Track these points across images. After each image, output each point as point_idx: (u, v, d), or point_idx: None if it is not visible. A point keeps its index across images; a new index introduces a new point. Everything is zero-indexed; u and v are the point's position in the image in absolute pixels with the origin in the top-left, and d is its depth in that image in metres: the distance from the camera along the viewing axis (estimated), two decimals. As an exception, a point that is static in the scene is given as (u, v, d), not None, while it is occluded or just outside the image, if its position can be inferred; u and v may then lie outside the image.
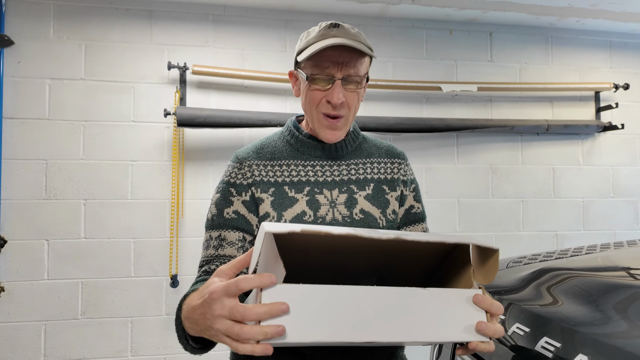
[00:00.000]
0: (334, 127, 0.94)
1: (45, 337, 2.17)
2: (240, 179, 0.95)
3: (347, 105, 0.93)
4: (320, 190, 0.96)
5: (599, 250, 1.45)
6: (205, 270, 0.91)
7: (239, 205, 0.94)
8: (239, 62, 2.42)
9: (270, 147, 1.00)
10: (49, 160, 2.22)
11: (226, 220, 0.94)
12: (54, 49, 2.25)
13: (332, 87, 0.90)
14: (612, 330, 0.84)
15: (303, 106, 0.97)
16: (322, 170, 0.98)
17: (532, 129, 2.66)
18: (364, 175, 1.01)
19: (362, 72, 0.93)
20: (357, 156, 1.02)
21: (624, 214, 2.83)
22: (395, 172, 1.04)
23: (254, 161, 0.97)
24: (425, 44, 2.66)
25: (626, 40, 2.89)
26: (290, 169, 0.97)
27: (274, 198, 0.94)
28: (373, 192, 0.99)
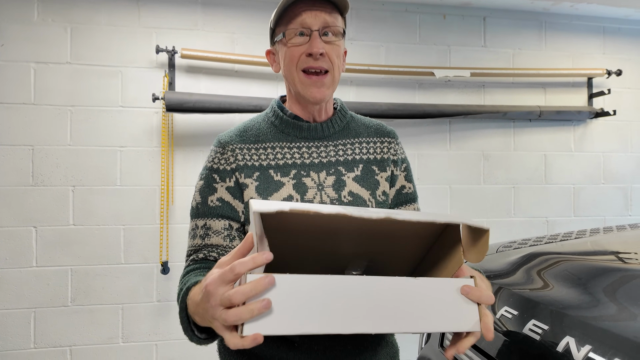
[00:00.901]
0: (320, 83, 0.89)
1: (34, 324, 2.15)
2: (223, 164, 0.92)
3: (329, 59, 0.88)
4: (307, 173, 0.93)
5: (589, 235, 1.46)
6: (194, 259, 0.90)
7: (223, 192, 0.92)
8: (229, 46, 2.38)
9: (254, 130, 0.96)
10: (36, 146, 2.18)
11: (211, 208, 0.91)
12: (38, 31, 2.19)
13: (311, 39, 0.87)
14: (599, 313, 0.84)
15: (284, 74, 0.93)
16: (308, 152, 0.94)
17: (524, 115, 2.65)
18: (352, 156, 0.97)
19: (339, 24, 0.90)
20: (345, 136, 0.99)
21: (614, 200, 2.85)
22: (385, 152, 1.00)
23: (237, 145, 0.93)
24: (419, 29, 2.62)
25: (619, 26, 2.87)
26: (275, 152, 0.93)
27: (259, 183, 0.91)
28: (362, 174, 0.96)
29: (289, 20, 0.88)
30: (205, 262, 0.89)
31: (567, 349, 0.76)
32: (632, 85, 2.89)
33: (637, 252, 1.22)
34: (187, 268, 0.89)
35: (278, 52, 0.94)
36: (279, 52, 0.93)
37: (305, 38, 0.87)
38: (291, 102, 0.97)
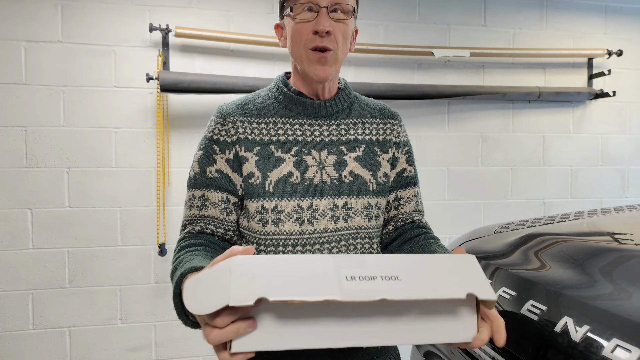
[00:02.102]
0: (324, 60, 0.87)
1: (32, 305, 2.16)
2: (223, 135, 0.91)
3: (334, 37, 0.87)
4: (308, 151, 0.92)
5: (586, 216, 1.46)
6: (189, 231, 0.90)
7: (222, 163, 0.91)
8: (224, 24, 2.32)
9: (256, 104, 0.95)
10: (29, 127, 2.14)
11: (209, 179, 0.90)
12: (28, 9, 2.13)
13: (318, 16, 0.85)
14: (597, 293, 0.84)
15: (290, 50, 0.92)
16: (310, 130, 0.93)
17: (523, 96, 2.62)
18: (355, 136, 0.96)
19: (349, 2, 0.88)
20: (348, 116, 0.97)
21: (611, 181, 2.86)
22: (388, 133, 0.99)
23: (239, 117, 0.91)
24: (418, 7, 2.57)
25: (622, 5, 2.83)
26: (277, 127, 0.92)
27: (259, 157, 0.90)
28: (364, 154, 0.95)
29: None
30: (202, 236, 0.89)
31: (565, 329, 0.76)
32: (632, 65, 2.86)
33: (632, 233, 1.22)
34: (182, 242, 0.88)
35: (286, 26, 0.92)
36: (287, 26, 0.91)
37: (313, 14, 0.86)
38: (296, 79, 0.96)
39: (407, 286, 0.59)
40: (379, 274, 0.60)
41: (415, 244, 0.96)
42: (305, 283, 0.57)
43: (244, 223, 0.93)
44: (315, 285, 0.57)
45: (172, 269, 0.80)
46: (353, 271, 0.60)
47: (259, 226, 0.89)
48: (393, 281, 0.59)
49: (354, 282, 0.58)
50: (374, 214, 0.95)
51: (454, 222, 2.63)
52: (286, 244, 0.88)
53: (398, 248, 1.00)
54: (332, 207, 0.91)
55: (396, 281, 0.59)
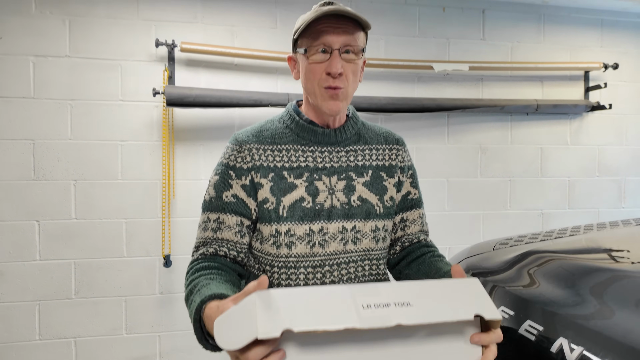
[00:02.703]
0: (335, 96, 0.93)
1: (39, 316, 2.19)
2: (240, 162, 0.95)
3: (345, 77, 0.93)
4: (319, 177, 0.96)
5: (583, 232, 1.50)
6: (203, 253, 0.93)
7: (238, 189, 0.95)
8: (229, 39, 2.37)
9: (270, 131, 0.99)
10: (37, 140, 2.18)
11: (225, 203, 0.94)
12: (36, 24, 2.17)
13: (331, 58, 0.90)
14: (592, 313, 0.87)
15: (304, 85, 0.97)
16: (321, 156, 0.98)
17: (521, 108, 2.67)
18: (363, 162, 1.01)
19: (359, 43, 0.93)
20: (356, 142, 1.03)
21: (609, 193, 2.90)
22: (394, 159, 1.05)
23: (254, 145, 0.96)
24: (418, 22, 2.62)
25: (617, 19, 2.88)
26: (289, 154, 0.97)
27: (273, 183, 0.94)
28: (371, 179, 1.01)
29: (313, 37, 0.91)
30: (215, 259, 0.92)
31: (560, 350, 0.80)
32: (628, 78, 2.91)
33: (629, 250, 1.26)
34: (196, 263, 0.91)
35: (299, 61, 0.97)
36: (300, 63, 0.97)
37: (326, 55, 0.91)
38: (307, 108, 1.01)
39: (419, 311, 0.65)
40: (392, 301, 0.65)
41: (421, 263, 1.01)
42: (326, 313, 0.62)
43: (257, 245, 0.97)
44: (336, 314, 0.62)
45: (187, 292, 0.84)
46: (368, 299, 0.65)
47: (273, 249, 0.94)
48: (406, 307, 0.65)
49: (370, 310, 0.63)
50: (381, 236, 1.00)
51: (453, 232, 2.67)
52: (298, 265, 0.93)
53: (406, 267, 1.05)
54: (342, 230, 0.95)
55: (409, 307, 0.65)
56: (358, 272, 0.96)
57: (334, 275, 0.95)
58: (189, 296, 0.83)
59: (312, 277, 0.94)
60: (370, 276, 0.99)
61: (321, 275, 0.94)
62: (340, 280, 0.95)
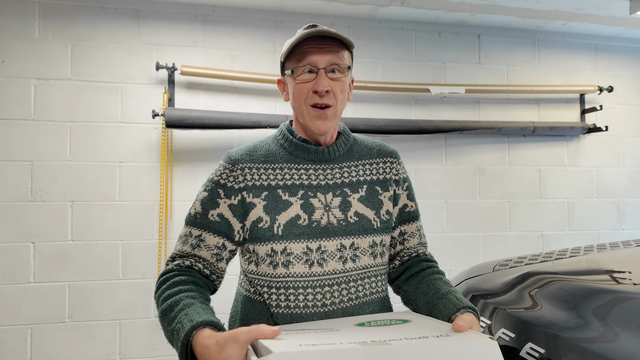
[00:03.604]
0: (324, 116, 0.94)
1: (31, 340, 2.14)
2: (231, 181, 0.94)
3: (333, 95, 0.94)
4: (314, 194, 0.96)
5: (583, 253, 1.49)
6: (179, 264, 0.92)
7: (225, 208, 0.94)
8: (228, 63, 2.41)
9: (263, 150, 0.99)
10: (35, 162, 2.19)
11: (210, 222, 0.93)
12: (39, 48, 2.21)
13: (317, 77, 0.92)
14: (594, 336, 0.86)
15: (292, 105, 0.98)
16: (315, 174, 0.98)
17: (518, 130, 2.70)
18: (357, 177, 1.01)
19: (345, 62, 0.95)
20: (349, 159, 1.03)
21: (608, 214, 2.89)
22: (388, 172, 1.04)
23: (247, 164, 0.96)
24: (415, 46, 2.67)
25: (610, 44, 2.94)
26: (283, 172, 0.96)
27: (267, 202, 0.93)
28: (366, 194, 1.00)
29: (298, 58, 0.93)
30: (190, 272, 0.91)
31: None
32: (623, 101, 2.95)
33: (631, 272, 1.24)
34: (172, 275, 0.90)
35: (287, 83, 0.99)
36: (289, 84, 0.99)
37: (312, 75, 0.93)
38: (299, 127, 1.02)
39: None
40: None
41: (420, 280, 0.99)
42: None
43: (253, 268, 0.96)
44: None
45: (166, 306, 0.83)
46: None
47: (270, 269, 0.92)
48: None
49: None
50: (379, 251, 0.99)
51: (453, 254, 2.65)
52: (297, 286, 0.91)
53: (404, 283, 1.03)
54: (340, 248, 0.94)
55: None
56: (359, 292, 0.95)
57: (335, 297, 0.93)
58: (167, 312, 0.82)
59: (312, 299, 0.91)
60: (370, 295, 0.97)
61: (321, 297, 0.92)
62: (341, 301, 0.93)
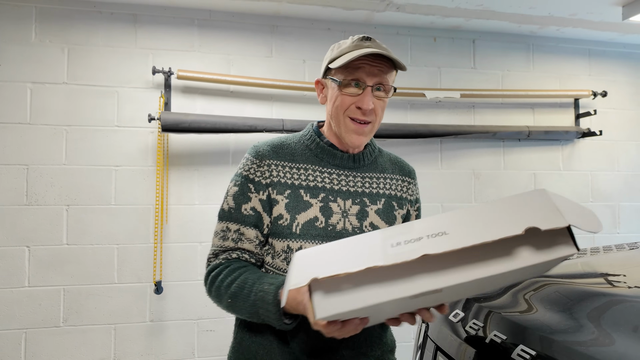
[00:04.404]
0: (361, 131, 0.97)
1: (25, 345, 2.13)
2: (259, 176, 0.97)
3: (375, 113, 0.97)
4: (334, 199, 0.98)
5: (576, 257, 1.49)
6: (226, 257, 0.95)
7: (257, 202, 0.97)
8: (225, 67, 2.42)
9: (289, 148, 1.01)
10: (30, 166, 2.18)
11: (244, 216, 0.96)
12: (35, 52, 2.21)
13: (363, 94, 0.94)
14: (586, 338, 0.86)
15: (330, 112, 0.99)
16: (337, 179, 1.00)
17: (513, 134, 2.71)
18: (377, 189, 1.04)
19: (391, 83, 0.98)
20: (373, 170, 1.06)
21: (603, 218, 2.90)
22: (404, 191, 1.09)
23: (274, 160, 0.98)
24: (410, 51, 2.69)
25: (604, 49, 2.97)
26: (307, 173, 0.99)
27: (289, 200, 0.96)
28: (383, 207, 1.03)
29: (349, 70, 0.94)
30: (241, 262, 0.95)
31: (554, 375, 0.78)
32: (617, 105, 2.97)
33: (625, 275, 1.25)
34: (224, 267, 0.93)
35: (328, 88, 1.00)
36: (330, 90, 0.99)
37: (359, 90, 0.94)
38: (329, 132, 1.03)
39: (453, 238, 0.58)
40: (425, 234, 0.61)
41: None
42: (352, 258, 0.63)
43: (269, 260, 0.99)
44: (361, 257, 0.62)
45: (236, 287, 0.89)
46: (399, 238, 0.63)
47: (284, 264, 0.95)
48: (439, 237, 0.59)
49: (399, 247, 0.61)
50: None
51: (449, 258, 2.65)
52: None
53: None
54: None
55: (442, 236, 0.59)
56: None
57: None
58: (239, 292, 0.88)
59: None
60: None
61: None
62: None
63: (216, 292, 0.93)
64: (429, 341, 1.24)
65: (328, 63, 0.98)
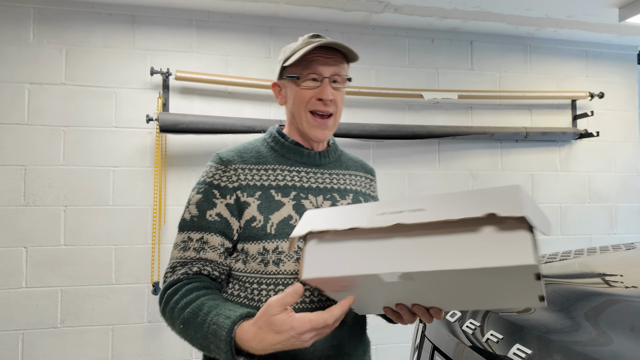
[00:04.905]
0: (324, 126, 0.98)
1: (22, 346, 2.13)
2: (225, 181, 0.95)
3: (335, 104, 0.98)
4: (305, 196, 0.98)
5: (573, 257, 1.50)
6: (186, 272, 0.90)
7: (222, 208, 0.94)
8: (223, 68, 2.42)
9: (253, 152, 1.00)
10: (28, 166, 2.18)
11: (209, 222, 0.93)
12: (33, 53, 2.21)
13: (322, 85, 0.96)
14: (583, 338, 0.87)
15: (291, 110, 1.00)
16: (306, 177, 1.01)
17: (511, 136, 2.72)
18: (345, 185, 1.05)
19: (346, 73, 1.00)
20: (338, 167, 1.07)
21: (600, 219, 2.91)
22: (368, 187, 1.11)
23: (239, 165, 0.97)
24: (408, 52, 2.70)
25: (601, 50, 2.98)
26: (276, 173, 0.98)
27: (261, 201, 0.95)
28: (352, 202, 1.04)
29: (304, 65, 0.96)
30: (201, 278, 0.90)
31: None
32: (614, 107, 2.98)
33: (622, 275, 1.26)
34: (182, 284, 0.88)
35: (286, 88, 1.02)
36: (287, 89, 1.01)
37: (317, 83, 0.96)
38: (292, 132, 1.04)
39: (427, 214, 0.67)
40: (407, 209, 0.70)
41: None
42: (345, 220, 0.75)
43: (240, 266, 0.95)
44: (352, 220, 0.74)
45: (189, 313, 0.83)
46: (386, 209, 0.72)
47: (261, 266, 0.93)
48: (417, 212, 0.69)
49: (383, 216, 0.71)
50: None
51: (447, 259, 2.65)
52: (286, 283, 0.93)
53: None
54: None
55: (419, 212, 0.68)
56: None
57: (321, 293, 0.95)
58: (192, 319, 0.82)
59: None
60: None
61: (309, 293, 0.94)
62: (327, 298, 0.95)
63: (170, 314, 0.87)
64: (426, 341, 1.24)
65: (282, 63, 0.99)
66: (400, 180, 2.63)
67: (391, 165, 2.62)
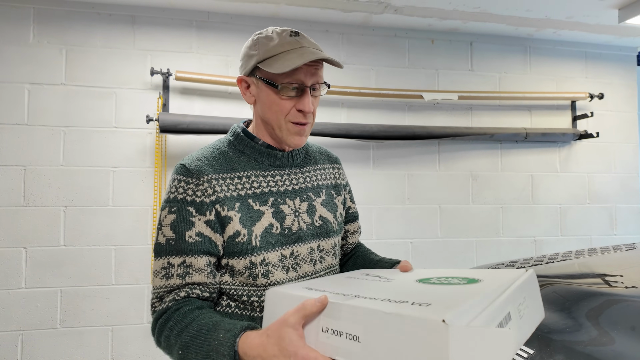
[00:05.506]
0: (303, 132, 0.94)
1: (22, 347, 2.12)
2: (200, 196, 0.86)
3: (313, 113, 0.95)
4: (283, 200, 0.96)
5: (574, 257, 1.50)
6: (173, 299, 0.83)
7: (202, 226, 0.86)
8: (223, 69, 2.42)
9: (221, 159, 0.93)
10: (28, 167, 2.18)
11: (190, 244, 0.85)
12: (33, 53, 2.21)
13: (303, 96, 0.90)
14: (584, 338, 0.86)
15: (267, 115, 0.93)
16: (281, 180, 0.98)
17: (511, 136, 2.72)
18: (317, 182, 1.04)
19: (323, 78, 0.95)
20: (308, 163, 1.05)
21: (600, 219, 2.92)
22: (337, 177, 1.10)
23: (212, 175, 0.88)
24: (408, 53, 2.70)
25: (601, 51, 2.98)
26: (251, 180, 0.93)
27: (241, 214, 0.89)
28: (326, 198, 1.04)
29: (289, 74, 0.88)
30: (191, 301, 0.84)
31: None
32: (613, 108, 2.99)
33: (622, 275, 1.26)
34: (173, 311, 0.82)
35: (259, 89, 0.93)
36: (261, 91, 0.92)
37: (297, 92, 0.90)
38: (262, 133, 0.97)
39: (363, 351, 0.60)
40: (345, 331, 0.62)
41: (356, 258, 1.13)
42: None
43: (227, 279, 0.91)
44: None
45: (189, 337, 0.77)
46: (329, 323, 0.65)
47: (249, 280, 0.89)
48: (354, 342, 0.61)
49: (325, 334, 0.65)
50: (337, 251, 1.05)
51: (446, 259, 2.65)
52: None
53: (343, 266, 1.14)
54: (310, 251, 0.97)
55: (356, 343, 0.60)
56: None
57: None
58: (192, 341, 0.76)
59: None
60: None
61: None
62: None
63: (166, 343, 0.81)
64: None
65: (257, 62, 0.90)
66: (400, 181, 2.63)
67: (391, 165, 2.62)
